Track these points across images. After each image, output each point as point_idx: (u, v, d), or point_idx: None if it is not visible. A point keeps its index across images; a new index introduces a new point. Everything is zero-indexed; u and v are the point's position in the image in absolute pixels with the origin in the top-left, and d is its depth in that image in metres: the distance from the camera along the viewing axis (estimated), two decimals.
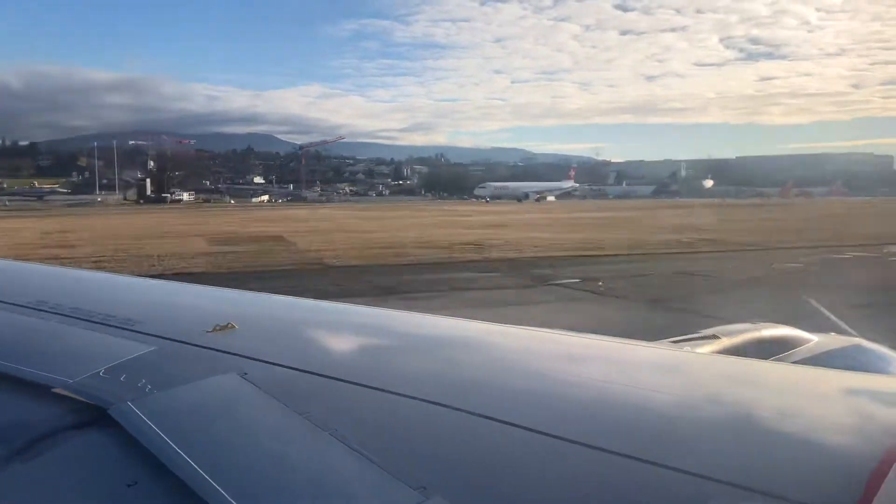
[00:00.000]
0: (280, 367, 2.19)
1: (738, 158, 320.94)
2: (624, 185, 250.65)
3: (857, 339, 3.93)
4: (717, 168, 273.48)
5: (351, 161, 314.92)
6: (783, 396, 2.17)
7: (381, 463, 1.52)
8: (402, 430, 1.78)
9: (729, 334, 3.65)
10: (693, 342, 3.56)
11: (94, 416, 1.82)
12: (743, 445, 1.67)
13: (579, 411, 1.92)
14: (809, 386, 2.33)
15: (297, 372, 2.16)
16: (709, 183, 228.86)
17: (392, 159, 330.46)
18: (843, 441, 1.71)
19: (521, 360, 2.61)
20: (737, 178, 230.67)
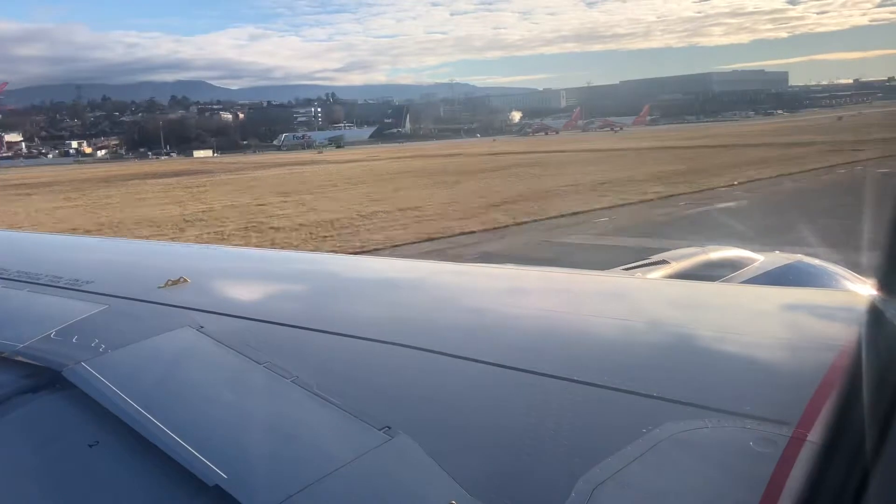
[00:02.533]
0: (236, 318, 2.18)
1: (621, 83, 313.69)
2: (344, 126, 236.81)
3: (799, 256, 4.08)
4: (593, 95, 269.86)
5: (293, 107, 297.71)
6: (731, 315, 2.26)
7: (345, 406, 1.54)
8: (363, 373, 1.79)
9: (678, 258, 3.76)
10: (644, 268, 3.65)
11: (47, 379, 1.79)
12: (694, 365, 1.74)
13: (536, 342, 1.95)
14: (756, 304, 2.43)
15: (254, 322, 2.15)
16: (516, 116, 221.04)
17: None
18: (788, 355, 1.77)
19: (475, 296, 2.64)
20: (605, 106, 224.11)
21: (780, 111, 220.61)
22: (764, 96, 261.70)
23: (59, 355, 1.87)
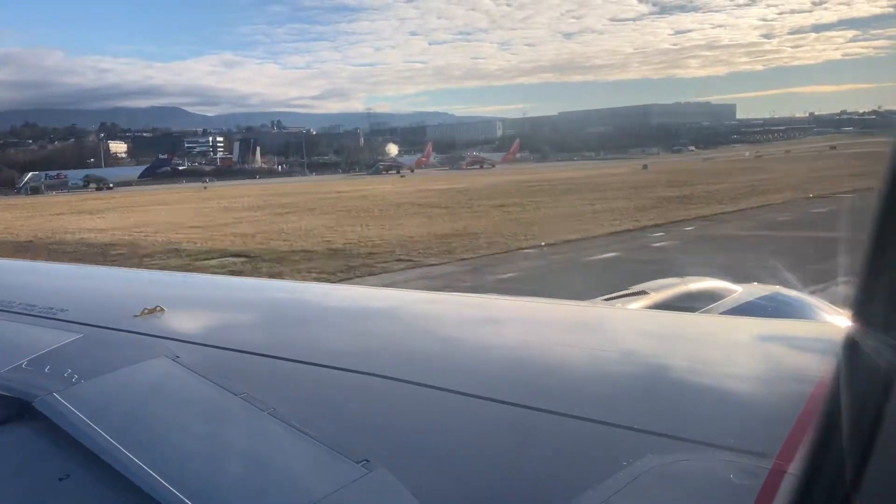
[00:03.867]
0: (212, 348, 2.16)
1: (560, 114, 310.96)
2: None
3: (776, 287, 4.12)
4: (532, 125, 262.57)
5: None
6: (711, 346, 2.26)
7: (322, 438, 1.51)
8: (342, 405, 1.78)
9: (658, 289, 3.78)
10: (624, 299, 3.66)
11: (17, 409, 1.75)
12: (674, 396, 1.73)
13: (517, 374, 1.94)
14: (734, 335, 2.44)
15: (230, 352, 2.13)
16: (393, 149, 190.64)
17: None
18: (767, 386, 1.78)
19: (455, 326, 2.63)
20: (542, 137, 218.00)
21: (691, 147, 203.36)
22: (697, 130, 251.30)
23: (30, 385, 1.83)
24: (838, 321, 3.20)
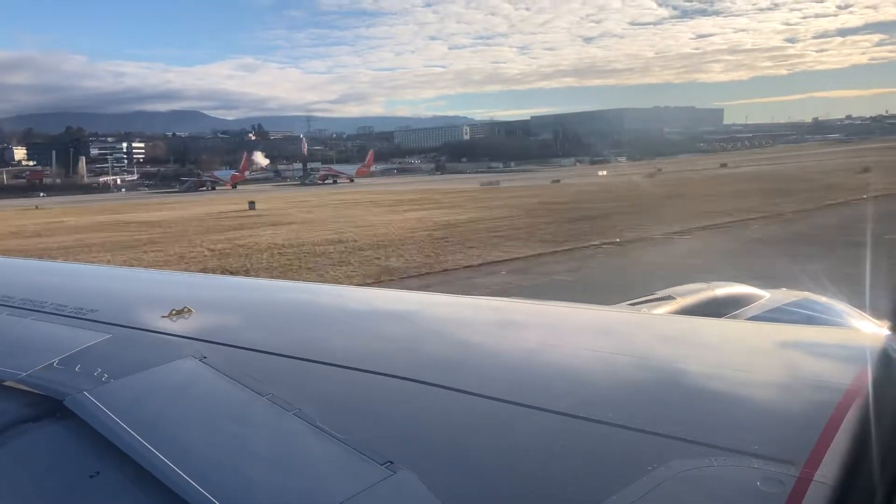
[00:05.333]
0: (239, 349, 2.18)
1: (532, 118, 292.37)
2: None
3: (806, 293, 4.05)
4: (502, 129, 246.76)
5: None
6: (738, 352, 2.23)
7: (347, 440, 1.53)
8: (366, 406, 1.79)
9: (684, 294, 3.73)
10: (650, 304, 3.63)
11: (49, 408, 1.79)
12: (700, 402, 1.72)
13: (542, 378, 1.94)
14: (762, 341, 2.41)
15: (257, 353, 2.15)
16: (263, 161, 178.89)
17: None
18: (796, 392, 1.76)
19: (482, 330, 2.63)
20: (512, 142, 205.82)
21: (620, 159, 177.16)
22: (656, 137, 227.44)
23: (61, 384, 1.86)
24: (868, 328, 3.16)
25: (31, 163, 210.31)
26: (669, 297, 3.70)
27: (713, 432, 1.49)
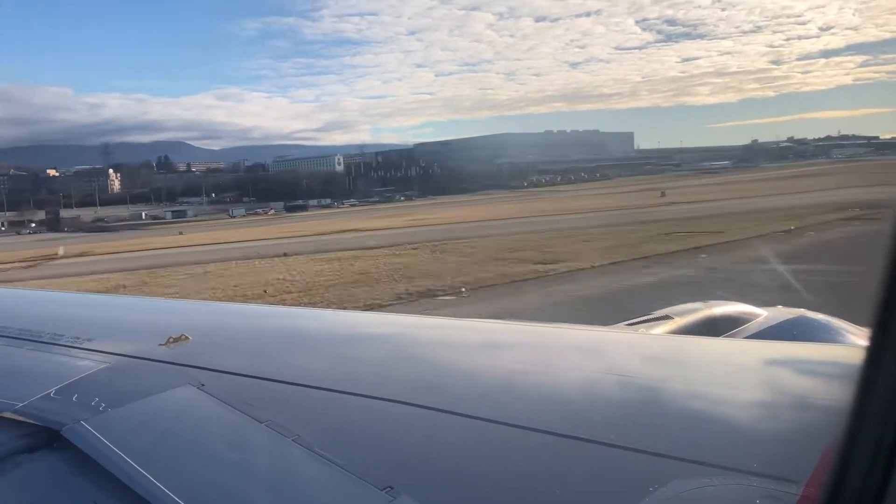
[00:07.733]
0: (237, 376, 2.17)
1: (415, 146, 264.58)
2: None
3: (802, 310, 4.04)
4: (427, 151, 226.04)
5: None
6: (736, 371, 2.23)
7: (346, 466, 1.52)
8: (365, 431, 1.78)
9: (681, 314, 3.73)
10: (647, 324, 3.63)
11: (46, 438, 1.77)
12: (699, 421, 1.72)
13: (540, 400, 1.93)
14: (760, 359, 2.40)
15: (255, 379, 2.14)
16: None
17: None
18: (795, 411, 1.75)
19: (479, 353, 2.62)
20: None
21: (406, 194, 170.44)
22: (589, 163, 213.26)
23: (58, 414, 1.85)
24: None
25: None
26: (667, 317, 3.69)
27: (713, 452, 1.48)
